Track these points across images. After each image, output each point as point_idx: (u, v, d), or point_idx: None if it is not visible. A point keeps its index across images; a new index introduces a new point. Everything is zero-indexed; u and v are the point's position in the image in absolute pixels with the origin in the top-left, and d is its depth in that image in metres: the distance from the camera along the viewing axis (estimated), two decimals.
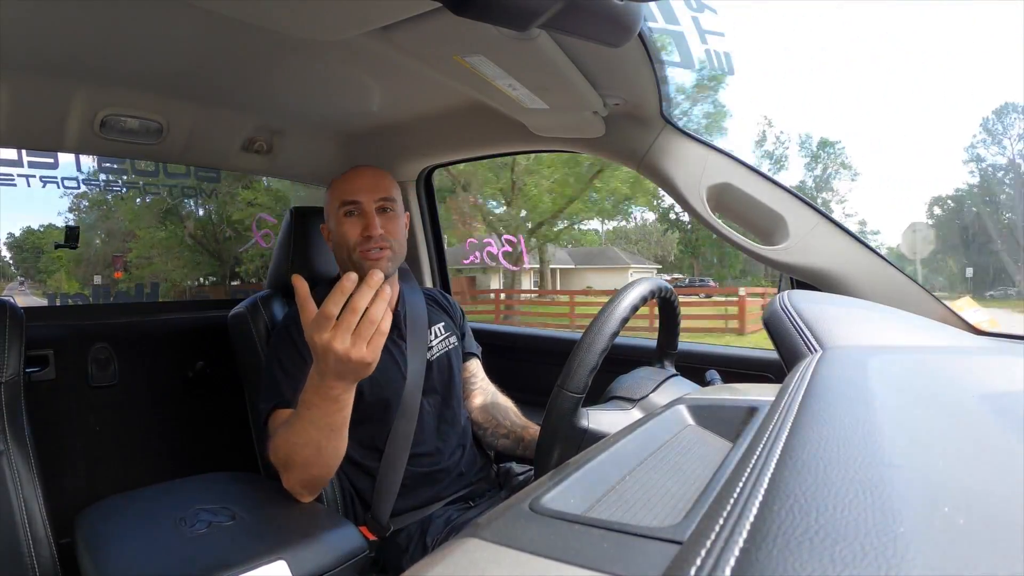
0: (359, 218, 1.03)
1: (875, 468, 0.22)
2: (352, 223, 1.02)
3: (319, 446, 0.78)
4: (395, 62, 0.93)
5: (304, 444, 0.78)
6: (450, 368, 1.10)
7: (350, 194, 1.03)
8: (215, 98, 1.18)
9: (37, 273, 7.81)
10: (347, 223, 1.03)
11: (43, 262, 7.84)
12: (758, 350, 1.24)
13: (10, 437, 0.87)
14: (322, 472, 0.82)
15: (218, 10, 0.66)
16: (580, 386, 0.71)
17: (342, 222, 1.03)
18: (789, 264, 0.98)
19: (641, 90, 0.95)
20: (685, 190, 1.03)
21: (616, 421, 0.76)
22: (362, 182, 1.04)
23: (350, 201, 1.02)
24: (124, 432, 1.38)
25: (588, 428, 0.74)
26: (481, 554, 0.29)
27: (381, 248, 1.01)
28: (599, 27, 0.54)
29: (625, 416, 0.78)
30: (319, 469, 0.81)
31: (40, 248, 7.81)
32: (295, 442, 0.78)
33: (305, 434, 0.77)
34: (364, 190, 1.03)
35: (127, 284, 7.70)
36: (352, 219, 1.03)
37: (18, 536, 0.80)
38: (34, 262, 7.96)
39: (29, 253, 7.93)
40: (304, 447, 0.78)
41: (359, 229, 1.02)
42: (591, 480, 0.40)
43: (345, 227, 1.03)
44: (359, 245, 1.01)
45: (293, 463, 0.81)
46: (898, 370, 0.41)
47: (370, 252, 1.01)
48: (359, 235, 1.01)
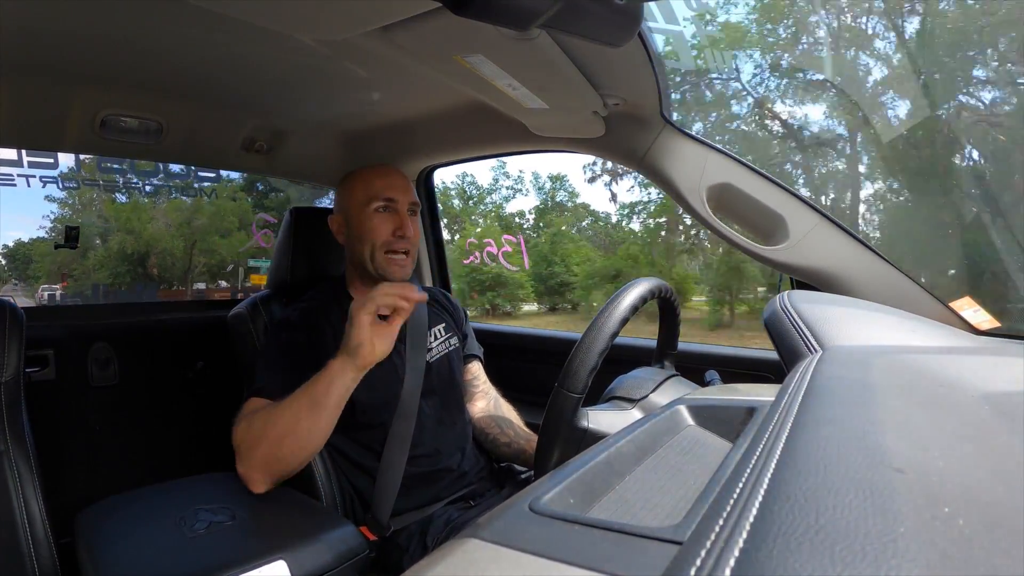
0: (391, 216, 1.03)
1: (875, 468, 0.22)
2: (384, 220, 1.02)
3: (297, 417, 0.80)
4: (395, 62, 0.93)
5: (284, 410, 0.81)
6: (450, 370, 1.10)
7: (386, 191, 1.03)
8: (215, 98, 1.18)
9: (27, 279, 9.17)
10: (377, 219, 1.02)
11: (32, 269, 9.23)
12: (758, 350, 1.24)
13: (10, 437, 0.87)
14: (290, 452, 0.82)
15: (218, 10, 0.66)
16: (580, 386, 0.71)
17: (371, 217, 1.02)
18: (789, 264, 0.98)
19: (641, 90, 0.95)
20: (685, 190, 1.03)
21: (616, 421, 0.76)
22: (397, 181, 1.05)
23: (386, 198, 1.02)
24: (124, 432, 1.38)
25: (588, 428, 0.74)
26: (481, 554, 0.29)
27: (407, 252, 1.03)
28: (599, 27, 0.54)
29: (625, 416, 0.78)
30: (289, 447, 0.82)
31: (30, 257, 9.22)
32: (278, 414, 0.81)
33: (290, 404, 0.81)
34: (400, 189, 1.03)
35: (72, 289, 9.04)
36: (383, 216, 1.03)
37: (18, 536, 0.80)
38: (24, 269, 9.26)
39: (20, 261, 9.32)
40: (283, 414, 0.81)
41: (391, 227, 1.02)
42: (591, 480, 0.40)
43: (375, 222, 1.02)
44: (387, 244, 1.02)
45: (266, 436, 0.82)
46: (898, 370, 0.41)
47: (397, 255, 1.02)
48: (391, 233, 1.02)
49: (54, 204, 8.80)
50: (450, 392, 1.09)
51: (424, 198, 1.66)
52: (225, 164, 1.50)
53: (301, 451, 0.83)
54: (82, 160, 7.76)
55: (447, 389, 1.09)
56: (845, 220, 2.02)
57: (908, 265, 1.11)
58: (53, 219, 8.86)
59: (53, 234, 8.84)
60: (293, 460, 0.83)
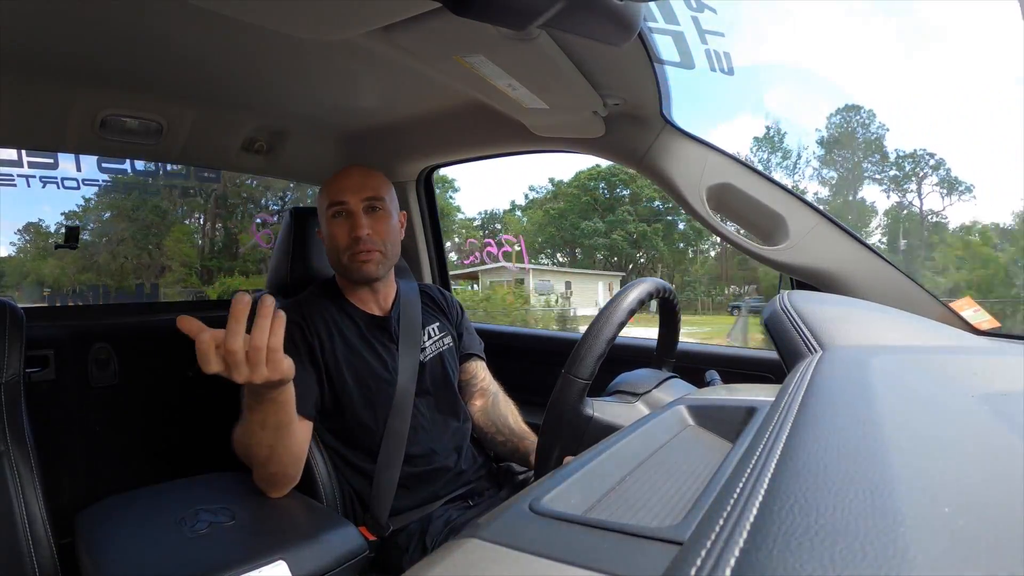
0: (347, 219, 1.01)
1: (875, 468, 0.22)
2: (340, 225, 1.01)
3: (271, 446, 0.80)
4: (395, 62, 0.93)
5: (256, 444, 0.80)
6: (444, 369, 1.10)
7: (336, 194, 1.01)
8: (215, 98, 1.18)
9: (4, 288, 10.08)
10: (335, 225, 1.01)
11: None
12: (758, 350, 1.24)
13: (10, 437, 0.87)
14: (280, 470, 0.84)
15: (218, 10, 0.66)
16: (587, 372, 0.71)
17: (331, 224, 1.02)
18: (789, 264, 0.98)
19: (641, 90, 0.95)
20: (685, 190, 1.03)
21: (621, 412, 0.76)
22: (348, 182, 1.02)
23: (337, 202, 1.01)
24: (124, 432, 1.38)
25: (593, 416, 0.74)
26: (481, 554, 0.29)
27: (369, 251, 1.00)
28: (599, 27, 0.54)
29: (630, 408, 0.79)
30: (276, 467, 0.83)
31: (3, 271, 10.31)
32: (248, 443, 0.81)
33: (255, 436, 0.79)
34: (350, 190, 1.01)
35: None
36: (340, 220, 1.01)
37: (18, 536, 0.80)
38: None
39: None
40: (257, 447, 0.80)
41: (347, 231, 1.00)
42: (591, 480, 0.40)
43: (333, 229, 1.01)
44: (349, 248, 1.00)
45: (252, 461, 0.84)
46: (898, 370, 0.41)
47: (359, 255, 1.00)
48: (348, 237, 1.00)
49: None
50: (445, 392, 1.09)
51: (424, 198, 1.66)
52: (225, 164, 1.50)
53: (288, 465, 0.84)
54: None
55: (441, 389, 1.08)
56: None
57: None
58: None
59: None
60: (286, 471, 0.85)
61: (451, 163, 1.62)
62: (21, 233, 10.27)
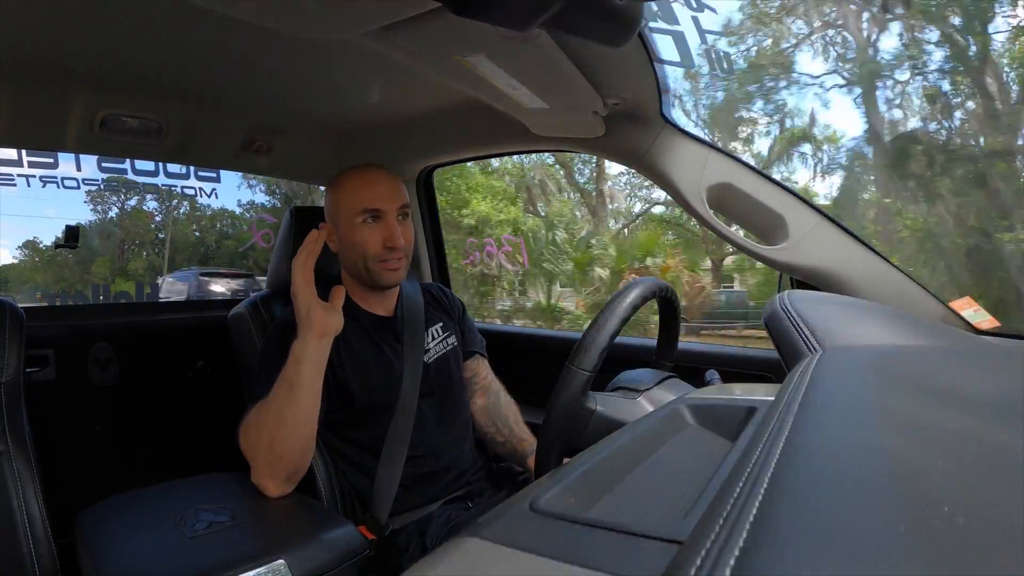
0: (379, 227, 0.98)
1: (875, 468, 0.22)
2: (372, 231, 0.98)
3: (280, 409, 0.81)
4: (395, 62, 0.93)
5: (267, 412, 0.82)
6: (448, 370, 1.10)
7: (371, 201, 0.98)
8: (215, 98, 1.18)
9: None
10: (366, 231, 0.98)
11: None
12: (758, 350, 1.24)
13: (10, 437, 0.87)
14: (285, 448, 0.83)
15: (218, 10, 0.66)
16: (591, 364, 0.71)
17: (359, 229, 0.98)
18: (789, 264, 0.98)
19: (641, 90, 0.95)
20: (685, 190, 1.03)
21: (623, 406, 0.77)
22: (384, 188, 0.99)
23: (371, 209, 0.98)
24: (124, 432, 1.38)
25: (596, 410, 0.74)
26: (481, 554, 0.30)
27: (399, 259, 1.00)
28: (599, 27, 0.54)
29: (632, 404, 0.79)
30: (281, 444, 0.82)
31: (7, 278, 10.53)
32: (260, 418, 0.83)
33: (270, 403, 0.82)
34: (386, 198, 0.98)
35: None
36: (371, 227, 0.98)
37: (18, 536, 0.80)
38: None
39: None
40: (268, 411, 0.82)
41: (380, 239, 0.98)
42: (591, 480, 0.40)
43: (364, 235, 0.98)
44: (378, 256, 0.98)
45: (260, 441, 0.83)
46: (898, 370, 0.41)
47: (389, 263, 0.99)
48: (381, 246, 0.98)
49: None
50: (449, 392, 1.09)
51: (424, 198, 1.66)
52: (225, 164, 1.50)
53: (295, 443, 0.83)
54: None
55: (446, 389, 1.08)
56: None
57: None
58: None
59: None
60: (292, 455, 0.84)
61: (451, 162, 1.62)
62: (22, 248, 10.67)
